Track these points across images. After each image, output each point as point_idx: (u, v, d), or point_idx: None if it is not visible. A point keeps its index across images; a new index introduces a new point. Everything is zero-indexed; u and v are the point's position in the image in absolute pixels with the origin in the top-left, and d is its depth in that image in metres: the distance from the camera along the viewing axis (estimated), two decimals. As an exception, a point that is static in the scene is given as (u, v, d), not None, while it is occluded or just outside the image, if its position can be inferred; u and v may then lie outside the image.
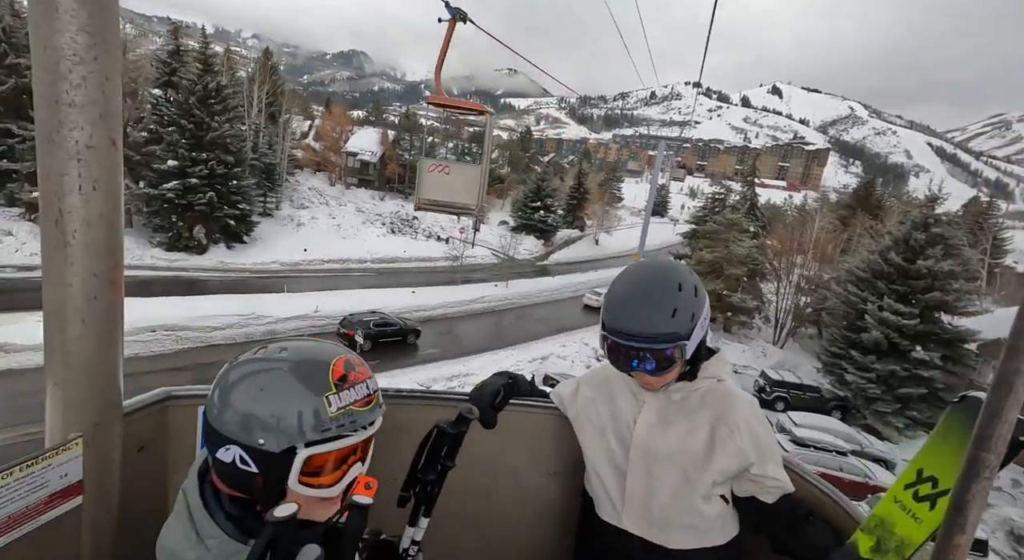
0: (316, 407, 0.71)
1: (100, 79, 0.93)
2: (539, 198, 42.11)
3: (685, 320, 1.10)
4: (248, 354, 0.77)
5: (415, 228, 36.39)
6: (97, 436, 1.06)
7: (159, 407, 1.28)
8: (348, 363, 0.76)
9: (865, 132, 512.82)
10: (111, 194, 0.99)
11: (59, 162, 0.93)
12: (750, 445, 1.16)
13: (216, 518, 0.71)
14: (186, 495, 0.75)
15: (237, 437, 0.70)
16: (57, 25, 0.88)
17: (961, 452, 0.78)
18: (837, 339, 17.41)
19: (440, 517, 1.26)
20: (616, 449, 1.27)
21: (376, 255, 30.09)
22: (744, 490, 1.21)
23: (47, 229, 0.96)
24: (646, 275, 1.15)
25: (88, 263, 0.98)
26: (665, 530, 1.22)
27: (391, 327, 17.71)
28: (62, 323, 0.99)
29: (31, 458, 0.95)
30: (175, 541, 0.71)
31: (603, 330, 1.15)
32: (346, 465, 0.76)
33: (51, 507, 0.99)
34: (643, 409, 1.24)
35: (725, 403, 1.20)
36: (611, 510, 1.28)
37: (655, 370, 1.12)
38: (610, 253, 44.40)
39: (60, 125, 0.91)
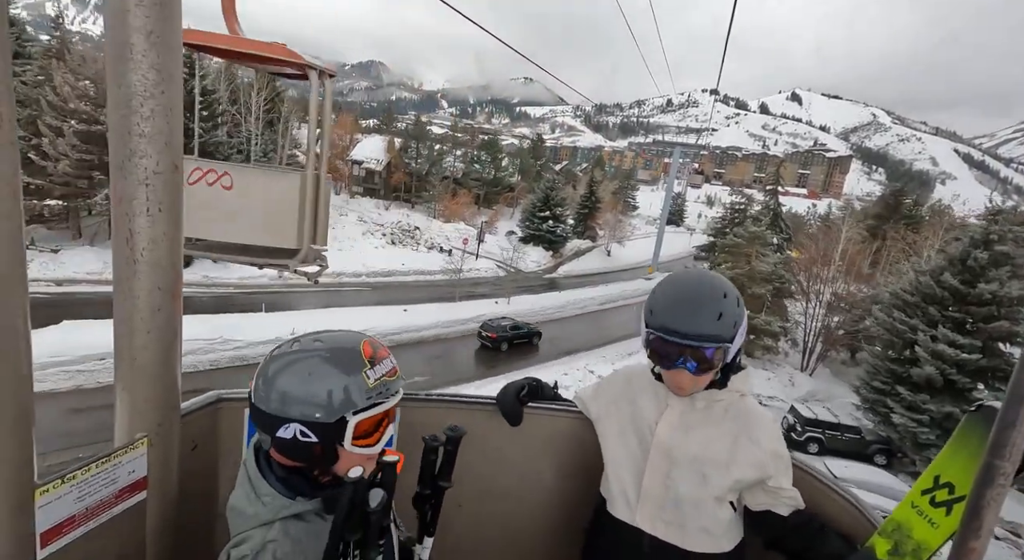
0: (359, 381, 0.87)
1: (166, 111, 1.03)
2: (548, 207, 40.26)
3: (728, 325, 1.15)
4: (285, 347, 0.91)
5: (417, 239, 34.79)
6: (160, 436, 1.16)
7: (212, 408, 1.37)
8: (373, 344, 0.92)
9: (888, 139, 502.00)
10: (174, 215, 1.09)
11: (130, 187, 1.03)
12: (771, 459, 1.20)
13: (269, 481, 0.88)
14: (246, 466, 0.91)
15: (295, 415, 0.85)
16: (131, 65, 0.98)
17: (977, 459, 0.79)
18: (880, 372, 15.10)
19: (469, 515, 1.53)
20: (636, 449, 1.31)
21: (372, 268, 28.50)
22: (759, 504, 1.23)
23: (118, 247, 1.06)
24: (693, 280, 1.21)
25: (153, 278, 1.07)
26: (680, 531, 1.24)
27: (520, 330, 20.94)
28: (130, 332, 1.08)
29: (103, 456, 1.04)
30: (239, 500, 0.88)
31: (647, 328, 1.19)
32: (383, 427, 0.94)
33: (121, 500, 1.10)
34: (666, 412, 1.28)
35: (748, 417, 1.24)
36: (625, 507, 1.31)
37: (696, 370, 1.15)
38: (622, 265, 42.23)
39: (131, 154, 1.01)
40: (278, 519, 0.84)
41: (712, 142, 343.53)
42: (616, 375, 1.47)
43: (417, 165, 49.98)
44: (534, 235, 40.39)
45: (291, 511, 0.85)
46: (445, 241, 40.08)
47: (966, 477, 0.98)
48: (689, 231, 77.79)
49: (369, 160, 49.51)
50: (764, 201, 28.45)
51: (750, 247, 21.24)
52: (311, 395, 0.85)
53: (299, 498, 0.87)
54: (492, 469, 1.55)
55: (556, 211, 40.20)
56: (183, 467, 1.25)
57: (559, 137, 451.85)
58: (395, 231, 34.42)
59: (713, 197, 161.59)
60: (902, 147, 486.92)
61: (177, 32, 1.04)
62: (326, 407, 0.85)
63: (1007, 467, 0.53)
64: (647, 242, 45.80)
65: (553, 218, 40.07)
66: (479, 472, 1.54)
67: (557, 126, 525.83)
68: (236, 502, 0.89)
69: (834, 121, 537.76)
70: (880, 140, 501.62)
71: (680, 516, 1.24)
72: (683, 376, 1.18)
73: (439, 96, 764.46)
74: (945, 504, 1.01)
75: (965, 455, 0.99)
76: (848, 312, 21.81)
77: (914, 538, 1.04)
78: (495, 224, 48.99)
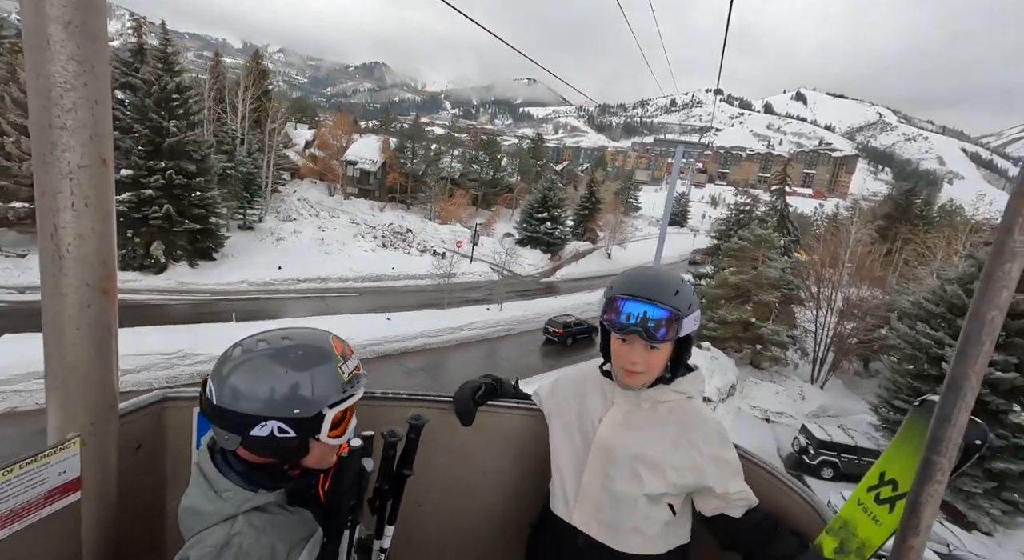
0: (334, 375, 0.89)
1: (90, 103, 1.00)
2: (546, 208, 38.95)
3: (683, 302, 1.17)
4: (250, 344, 0.89)
5: (409, 242, 33.56)
6: (94, 435, 1.13)
7: (156, 408, 1.34)
8: (339, 339, 0.94)
9: (894, 138, 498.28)
10: (102, 209, 1.06)
11: (53, 181, 1.00)
12: (711, 464, 1.20)
13: (229, 477, 0.88)
14: (200, 466, 0.90)
15: (271, 412, 0.84)
16: (48, 55, 0.95)
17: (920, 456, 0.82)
18: (902, 390, 13.74)
19: (430, 513, 1.55)
20: (579, 445, 1.31)
21: (360, 273, 27.28)
22: (712, 509, 1.23)
23: (43, 243, 1.03)
24: (651, 269, 1.26)
25: (81, 274, 1.05)
26: (611, 530, 1.25)
27: (582, 326, 22.33)
28: (58, 330, 1.06)
29: (31, 456, 1.03)
30: (195, 500, 0.87)
31: (607, 294, 1.20)
32: (348, 416, 0.95)
33: (50, 502, 1.07)
34: (611, 410, 1.29)
35: (691, 421, 1.24)
36: (563, 505, 1.32)
37: (649, 337, 1.15)
38: (623, 267, 40.41)
39: (53, 147, 0.98)
40: (241, 512, 0.85)
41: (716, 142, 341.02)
42: (570, 372, 1.48)
43: (413, 165, 48.81)
44: (531, 237, 39.09)
45: (254, 503, 0.86)
46: (440, 243, 38.95)
47: (909, 474, 0.97)
48: (693, 232, 76.22)
49: (364, 161, 48.36)
50: (770, 201, 26.99)
51: (757, 251, 19.88)
52: (290, 392, 0.85)
53: (261, 491, 0.88)
54: (454, 467, 1.56)
55: (554, 213, 38.87)
56: (126, 468, 1.22)
57: (562, 138, 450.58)
58: (386, 233, 33.21)
59: (717, 197, 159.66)
60: (908, 146, 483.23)
61: (100, 22, 1.00)
62: (305, 403, 0.86)
63: (944, 463, 0.53)
64: (649, 244, 44.40)
65: (551, 220, 38.74)
66: (441, 470, 1.55)
67: (560, 127, 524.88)
68: (192, 502, 0.87)
69: (839, 120, 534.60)
70: (886, 139, 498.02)
71: (614, 515, 1.25)
72: (635, 350, 1.18)
73: (442, 97, 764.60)
74: (888, 501, 1.01)
75: (909, 451, 0.99)
76: (861, 319, 20.41)
77: (859, 536, 1.04)
78: (493, 226, 47.75)
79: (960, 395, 0.52)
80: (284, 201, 35.13)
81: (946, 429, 0.52)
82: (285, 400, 0.85)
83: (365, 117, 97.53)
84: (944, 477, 0.53)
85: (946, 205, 58.34)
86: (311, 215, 35.85)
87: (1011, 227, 0.48)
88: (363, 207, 47.74)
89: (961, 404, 0.52)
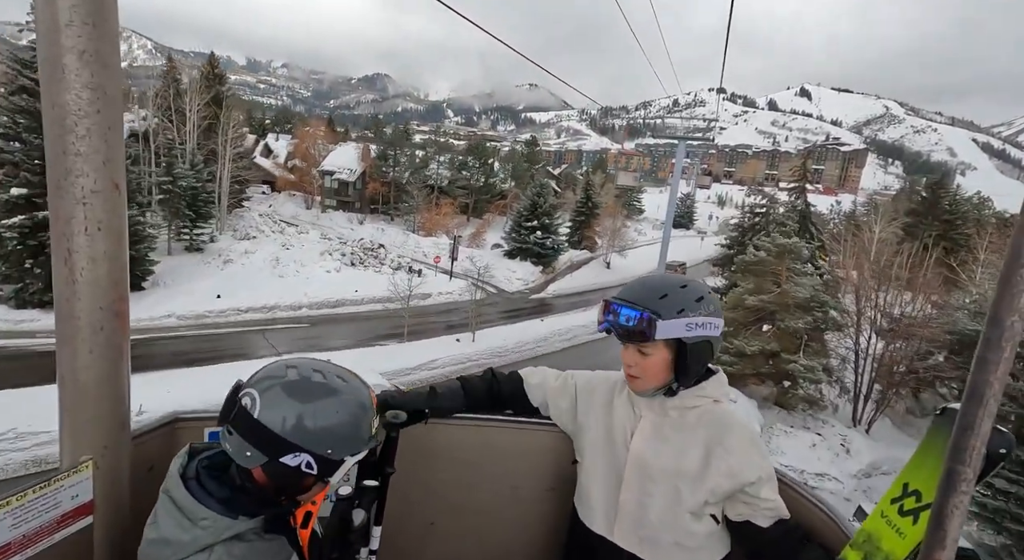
0: (368, 428, 0.92)
1: (103, 129, 1.03)
2: (536, 216, 35.22)
3: (670, 308, 1.17)
4: (305, 371, 0.90)
5: (381, 258, 29.97)
6: (106, 458, 1.13)
7: (168, 429, 1.36)
8: (373, 393, 0.97)
9: (903, 131, 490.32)
10: (114, 233, 1.08)
11: (67, 206, 1.02)
12: (745, 467, 1.18)
13: (207, 504, 0.85)
14: (170, 493, 0.88)
15: (310, 447, 0.85)
16: (64, 84, 0.98)
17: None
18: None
19: (443, 533, 1.52)
20: (612, 462, 1.29)
21: (317, 298, 23.72)
22: (739, 514, 1.21)
23: (58, 267, 1.05)
24: (657, 275, 1.32)
25: (94, 297, 1.07)
26: (654, 547, 1.24)
27: None
28: (71, 353, 1.07)
29: (44, 480, 1.03)
30: (168, 530, 0.84)
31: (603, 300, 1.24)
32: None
33: (64, 526, 1.07)
34: (640, 423, 1.27)
35: (721, 425, 1.22)
36: (603, 523, 1.30)
37: (622, 338, 1.20)
38: (623, 278, 36.82)
39: (67, 173, 1.01)
40: (220, 541, 0.83)
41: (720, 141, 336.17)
42: (600, 379, 1.44)
43: (396, 174, 45.41)
44: (521, 248, 35.36)
45: (233, 531, 0.84)
46: (422, 256, 35.41)
47: (933, 484, 0.92)
48: (700, 234, 72.14)
49: (341, 170, 45.07)
50: (788, 201, 23.05)
51: (779, 263, 16.01)
52: (334, 432, 0.87)
53: (241, 517, 0.86)
54: (465, 485, 1.54)
55: (545, 220, 35.12)
56: (139, 491, 1.21)
57: (564, 141, 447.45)
58: (356, 250, 29.67)
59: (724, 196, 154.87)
60: (918, 139, 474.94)
61: (113, 50, 1.03)
62: (340, 446, 0.88)
63: (968, 473, 0.51)
64: (652, 250, 40.58)
65: (542, 228, 34.99)
66: (452, 488, 1.53)
67: (563, 130, 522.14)
68: (163, 533, 0.84)
69: (845, 115, 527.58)
70: (894, 132, 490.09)
71: (656, 532, 1.24)
72: (628, 353, 1.22)
73: (445, 105, 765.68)
74: (912, 512, 0.99)
75: (932, 462, 0.98)
76: (907, 341, 16.43)
77: (883, 549, 1.02)
78: (483, 236, 44.12)
79: (982, 403, 0.50)
80: (244, 217, 31.75)
81: (969, 438, 0.51)
82: (328, 438, 0.86)
83: (365, 127, 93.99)
84: (969, 487, 0.52)
85: (973, 197, 53.72)
86: (275, 232, 32.45)
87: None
88: (340, 220, 44.38)
89: (983, 412, 0.50)
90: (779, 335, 15.43)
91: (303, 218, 43.86)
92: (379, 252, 30.18)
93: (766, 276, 16.43)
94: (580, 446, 1.39)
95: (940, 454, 0.91)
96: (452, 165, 50.23)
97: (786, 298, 15.51)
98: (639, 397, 1.27)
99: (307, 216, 44.77)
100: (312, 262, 27.86)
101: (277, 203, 48.11)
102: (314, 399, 0.87)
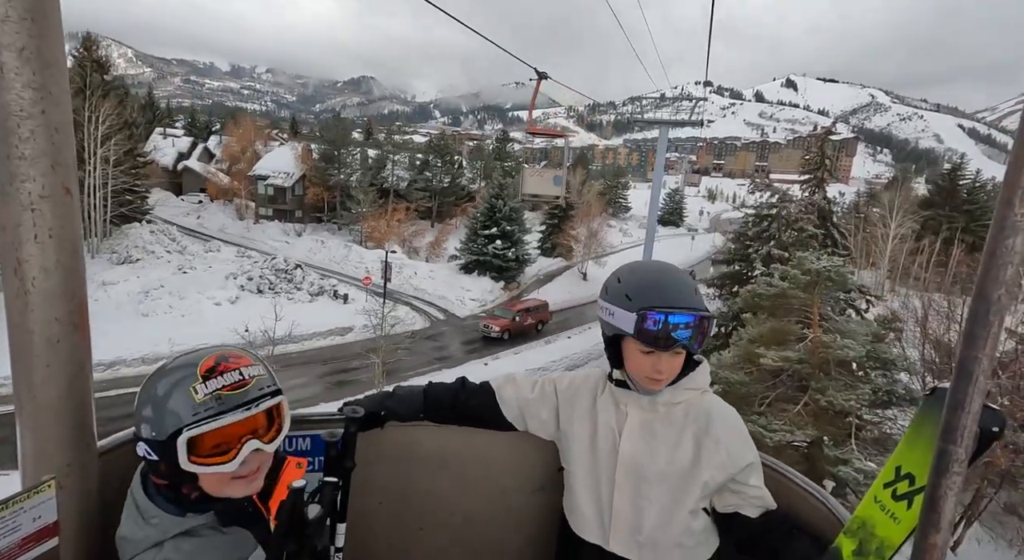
0: (185, 396, 0.83)
1: (49, 131, 0.98)
2: (494, 221, 29.51)
3: (702, 300, 1.14)
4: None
5: (296, 282, 24.12)
6: (71, 477, 1.09)
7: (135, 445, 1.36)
8: (221, 357, 0.88)
9: (889, 119, 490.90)
10: (68, 241, 1.04)
11: (14, 213, 0.98)
12: (736, 456, 1.17)
13: (157, 502, 0.87)
14: (132, 493, 0.91)
15: (139, 433, 0.86)
16: (3, 83, 0.93)
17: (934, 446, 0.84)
18: None
19: (432, 538, 1.50)
20: (601, 464, 1.24)
21: (185, 343, 17.84)
22: (727, 505, 1.20)
23: (8, 279, 1.01)
24: (657, 263, 1.20)
25: (48, 309, 1.02)
26: (654, 551, 1.21)
27: None
28: (27, 368, 1.03)
29: (2, 503, 1.00)
30: (126, 528, 0.87)
31: (635, 311, 1.10)
32: (239, 443, 0.86)
33: (26, 550, 1.03)
34: (626, 422, 1.23)
35: (709, 415, 1.21)
36: (597, 532, 1.25)
37: (691, 342, 1.11)
38: (603, 292, 31.19)
39: (12, 178, 0.96)
40: (168, 538, 0.84)
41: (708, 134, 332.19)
42: (579, 378, 1.36)
43: (342, 177, 39.53)
44: (478, 261, 29.63)
45: (182, 528, 0.85)
46: (367, 273, 29.55)
47: (926, 466, 0.86)
48: (691, 232, 66.73)
49: (277, 174, 39.12)
50: (803, 199, 17.37)
51: (811, 293, 10.40)
52: (143, 413, 0.85)
53: (190, 514, 0.87)
54: (453, 489, 1.52)
55: (506, 227, 29.39)
56: (107, 507, 1.15)
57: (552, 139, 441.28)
58: (265, 273, 23.83)
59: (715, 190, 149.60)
60: (904, 126, 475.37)
61: (57, 47, 0.99)
62: (154, 423, 0.84)
63: (960, 453, 0.51)
64: (635, 254, 35.06)
65: (502, 236, 29.25)
66: (440, 492, 1.52)
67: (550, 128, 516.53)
68: (123, 531, 0.88)
69: (831, 104, 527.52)
70: (881, 121, 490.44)
71: (654, 535, 1.20)
72: (663, 358, 1.13)
73: (432, 106, 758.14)
74: (906, 496, 0.96)
75: (923, 443, 0.95)
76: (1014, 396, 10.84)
77: (878, 535, 1.00)
78: (444, 244, 38.42)
79: (971, 380, 0.49)
80: (130, 235, 25.76)
81: (959, 417, 0.50)
82: (142, 420, 0.85)
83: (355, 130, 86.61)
84: (962, 468, 0.51)
85: (987, 183, 48.60)
86: (173, 251, 26.55)
87: (1011, 200, 0.46)
88: (274, 232, 38.36)
89: (973, 389, 0.49)
90: (816, 415, 9.79)
91: (231, 231, 37.88)
92: (294, 274, 24.32)
93: (789, 315, 10.78)
94: (566, 453, 1.33)
95: (931, 436, 0.92)
96: (412, 165, 44.51)
97: (824, 354, 9.85)
98: (626, 394, 1.22)
99: (237, 228, 38.79)
100: (204, 291, 22.02)
101: (208, 213, 42.13)
102: (140, 389, 0.87)
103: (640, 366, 1.15)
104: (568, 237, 37.18)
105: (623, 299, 1.13)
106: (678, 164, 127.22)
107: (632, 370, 1.17)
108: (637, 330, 1.09)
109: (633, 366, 1.16)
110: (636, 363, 1.15)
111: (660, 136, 14.94)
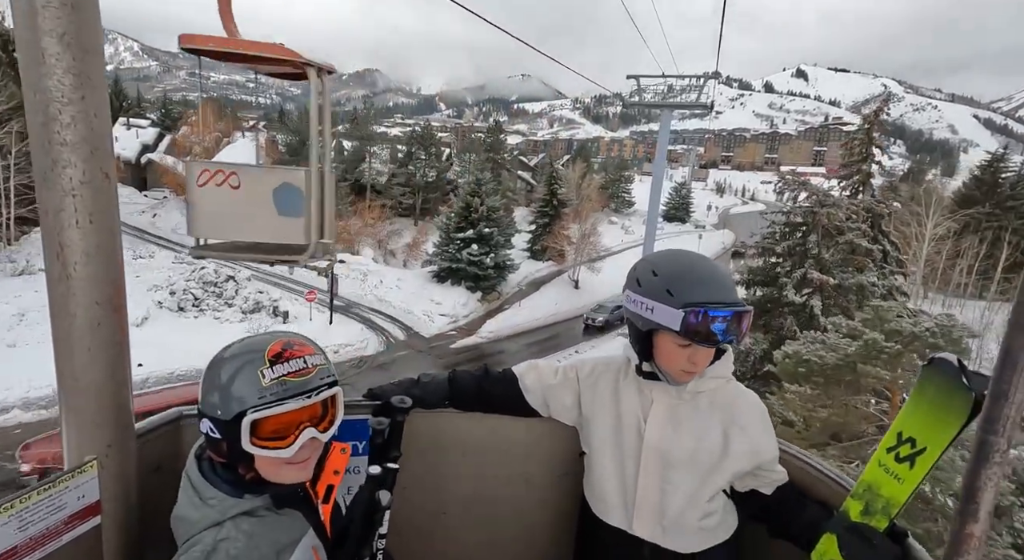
0: (252, 379, 0.85)
1: (89, 117, 0.99)
2: (470, 223, 25.51)
3: (737, 292, 1.14)
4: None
5: (226, 297, 20.31)
6: (111, 458, 1.12)
7: (173, 427, 1.33)
8: (287, 344, 0.91)
9: (902, 109, 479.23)
10: (107, 225, 1.05)
11: (56, 199, 0.99)
12: (763, 446, 1.20)
13: (215, 484, 0.89)
14: (188, 474, 0.93)
15: (205, 411, 0.88)
16: (44, 70, 0.94)
17: (935, 411, 0.92)
18: None
19: (454, 523, 1.54)
20: (626, 450, 1.25)
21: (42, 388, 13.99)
22: (745, 485, 1.23)
23: (50, 263, 1.03)
24: (690, 253, 1.19)
25: (90, 292, 1.04)
26: (678, 533, 1.22)
27: None
28: (69, 352, 1.05)
29: (48, 482, 1.02)
30: (183, 508, 0.89)
31: (680, 308, 1.08)
32: (297, 430, 0.88)
33: (71, 527, 1.07)
34: (652, 409, 1.23)
35: (735, 403, 1.22)
36: (621, 516, 1.26)
37: (734, 337, 1.10)
38: (596, 301, 27.02)
39: (54, 164, 0.98)
40: (227, 518, 0.86)
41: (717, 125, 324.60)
42: (600, 365, 1.36)
43: (309, 170, 35.54)
44: (452, 269, 25.65)
45: (240, 509, 0.87)
46: (325, 284, 25.65)
47: (925, 430, 1.00)
48: (698, 229, 62.12)
49: (237, 169, 35.32)
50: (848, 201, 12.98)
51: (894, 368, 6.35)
52: (212, 392, 0.87)
53: (247, 496, 0.89)
54: (475, 475, 1.54)
55: (483, 229, 25.36)
56: (146, 489, 1.21)
57: (557, 131, 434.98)
58: (191, 285, 20.04)
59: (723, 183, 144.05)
60: (918, 117, 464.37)
61: (95, 33, 1.00)
62: (222, 404, 0.86)
63: (1002, 443, 0.49)
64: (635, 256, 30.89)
65: (479, 240, 25.23)
66: (462, 478, 1.54)
67: (556, 120, 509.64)
68: (180, 511, 0.89)
69: (843, 95, 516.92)
70: (894, 111, 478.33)
71: (678, 519, 1.21)
72: (700, 352, 1.13)
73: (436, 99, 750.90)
74: (908, 458, 1.01)
75: (923, 409, 1.00)
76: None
77: (883, 495, 1.06)
78: (421, 247, 34.47)
79: (1017, 369, 0.47)
80: (36, 241, 21.96)
81: (1002, 407, 0.48)
82: (209, 400, 0.87)
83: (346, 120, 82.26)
84: (1004, 458, 0.49)
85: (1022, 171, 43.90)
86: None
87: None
88: (232, 234, 34.71)
89: (1018, 380, 0.47)
90: None
91: (182, 232, 34.27)
92: (225, 287, 20.49)
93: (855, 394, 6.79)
94: (588, 438, 1.34)
95: (931, 401, 0.97)
96: (394, 159, 40.55)
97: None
98: (651, 382, 1.22)
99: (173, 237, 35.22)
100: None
101: (165, 211, 38.38)
102: (209, 367, 0.90)
103: (675, 360, 1.14)
104: (561, 238, 33.08)
105: (663, 294, 1.11)
106: (685, 156, 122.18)
107: (665, 363, 1.17)
108: (684, 327, 1.07)
109: (666, 359, 1.16)
110: (671, 356, 1.14)
111: (663, 121, 12.42)
